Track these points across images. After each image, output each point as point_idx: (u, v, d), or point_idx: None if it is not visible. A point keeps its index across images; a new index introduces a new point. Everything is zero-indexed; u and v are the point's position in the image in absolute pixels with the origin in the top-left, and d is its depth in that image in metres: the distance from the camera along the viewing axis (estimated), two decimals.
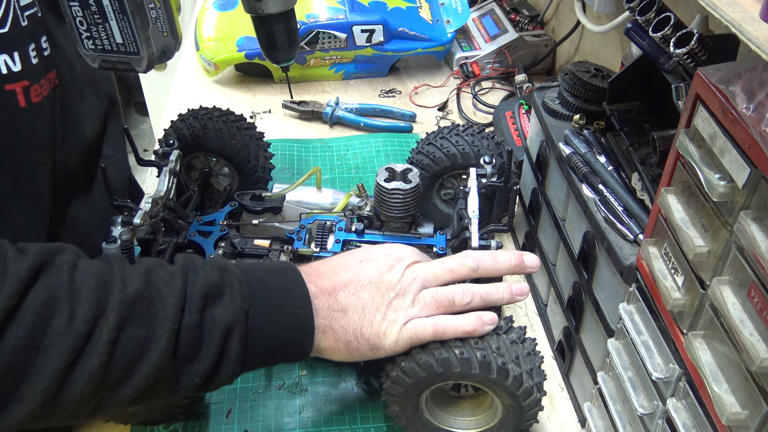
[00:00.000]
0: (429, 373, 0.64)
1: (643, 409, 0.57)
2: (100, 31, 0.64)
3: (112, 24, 0.63)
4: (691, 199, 0.50)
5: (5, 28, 0.62)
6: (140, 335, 0.54)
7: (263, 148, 0.95)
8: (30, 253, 0.53)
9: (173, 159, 0.84)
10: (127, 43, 0.65)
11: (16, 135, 0.65)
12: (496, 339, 0.64)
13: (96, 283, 0.54)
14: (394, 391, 0.67)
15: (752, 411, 0.43)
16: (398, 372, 0.65)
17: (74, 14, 0.63)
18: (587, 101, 0.80)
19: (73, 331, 0.51)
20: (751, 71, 0.44)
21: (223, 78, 1.37)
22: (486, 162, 0.85)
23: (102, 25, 0.63)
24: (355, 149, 1.19)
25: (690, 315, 0.50)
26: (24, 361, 0.49)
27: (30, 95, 0.65)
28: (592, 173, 0.71)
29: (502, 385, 0.63)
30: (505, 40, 1.36)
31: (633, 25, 0.70)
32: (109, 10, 0.63)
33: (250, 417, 0.77)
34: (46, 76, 0.67)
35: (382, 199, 0.79)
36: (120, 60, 0.66)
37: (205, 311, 0.58)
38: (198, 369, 0.57)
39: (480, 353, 0.62)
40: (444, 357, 0.63)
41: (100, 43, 0.65)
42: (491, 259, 0.68)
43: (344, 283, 0.65)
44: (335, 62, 1.36)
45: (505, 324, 0.66)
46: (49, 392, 0.50)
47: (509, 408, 0.66)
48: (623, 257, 0.63)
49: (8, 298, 0.49)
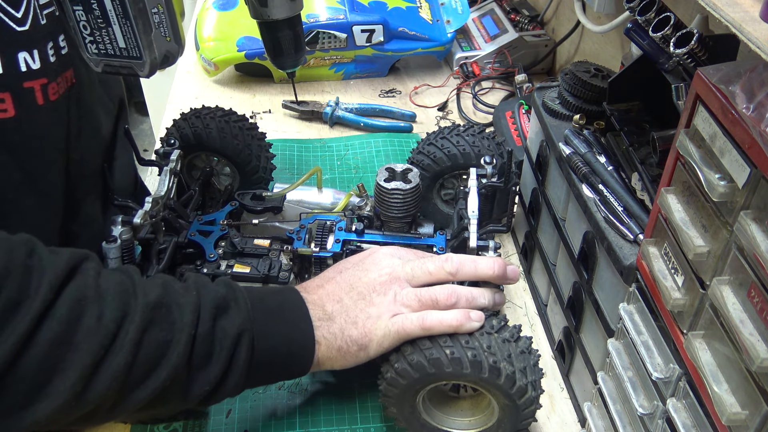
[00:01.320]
0: (421, 374, 0.64)
1: (643, 409, 0.57)
2: (103, 36, 0.64)
3: (115, 28, 0.64)
4: (691, 199, 0.50)
5: (26, 26, 0.63)
6: (161, 339, 0.57)
7: (265, 148, 0.95)
8: (64, 254, 0.55)
9: (174, 159, 0.84)
10: (130, 48, 0.65)
11: (32, 133, 0.66)
12: (487, 338, 0.64)
13: (120, 288, 0.57)
14: (390, 392, 0.67)
15: (752, 411, 0.43)
16: (392, 373, 0.65)
17: (78, 18, 0.63)
18: (587, 101, 0.80)
19: (102, 329, 0.53)
20: (751, 71, 0.45)
21: (223, 78, 1.37)
22: (486, 162, 0.85)
23: (105, 29, 0.64)
24: (355, 149, 1.19)
25: (690, 315, 0.50)
26: (57, 355, 0.51)
27: (48, 93, 0.66)
28: (592, 173, 0.71)
29: (494, 384, 0.63)
30: (505, 40, 1.36)
31: (633, 25, 0.70)
32: (113, 14, 0.63)
33: (250, 417, 0.77)
34: (63, 74, 0.68)
35: (382, 199, 0.79)
36: (123, 64, 0.67)
37: (216, 321, 0.61)
38: (209, 376, 0.60)
39: (471, 352, 0.63)
40: (435, 357, 0.63)
41: (103, 47, 0.65)
42: (472, 264, 0.69)
43: (328, 293, 0.69)
44: (335, 62, 1.36)
45: (498, 323, 0.66)
46: (77, 387, 0.52)
47: (505, 407, 0.66)
48: (623, 257, 0.63)
49: (47, 292, 0.51)
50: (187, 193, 0.88)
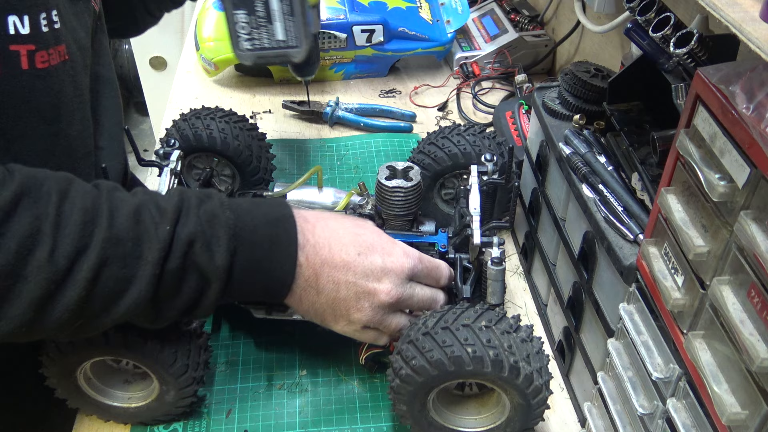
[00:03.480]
0: (441, 372, 0.63)
1: (643, 409, 0.57)
2: (261, 32, 0.70)
3: (277, 25, 0.69)
4: (691, 199, 0.50)
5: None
6: (120, 275, 0.57)
7: (265, 149, 0.95)
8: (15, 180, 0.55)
9: (174, 159, 0.84)
10: (290, 39, 0.71)
11: (12, 94, 0.66)
12: (507, 337, 0.64)
13: (82, 218, 0.56)
14: (402, 390, 0.66)
15: (752, 411, 0.43)
16: (408, 371, 0.64)
17: (236, 20, 0.69)
18: (587, 101, 0.81)
19: (53, 265, 0.54)
20: (751, 71, 0.45)
21: (223, 78, 1.37)
22: (487, 159, 0.85)
23: (265, 27, 0.69)
24: (355, 149, 1.19)
25: (690, 315, 0.50)
26: (5, 286, 0.53)
27: (35, 60, 0.66)
28: (592, 173, 0.72)
29: (513, 383, 0.63)
30: (505, 40, 1.36)
31: (633, 25, 0.70)
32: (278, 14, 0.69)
33: (250, 417, 0.77)
34: (56, 47, 0.68)
35: (383, 197, 0.79)
36: (277, 54, 0.73)
37: (187, 257, 0.60)
38: (176, 305, 0.61)
39: (492, 352, 0.62)
40: (456, 355, 0.62)
41: (258, 43, 0.71)
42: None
43: (333, 265, 0.66)
44: (335, 62, 1.36)
45: (515, 322, 0.66)
46: (26, 317, 0.54)
47: (518, 406, 0.66)
48: (623, 257, 0.63)
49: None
50: None
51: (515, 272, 0.97)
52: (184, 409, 0.75)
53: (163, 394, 0.72)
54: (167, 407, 0.73)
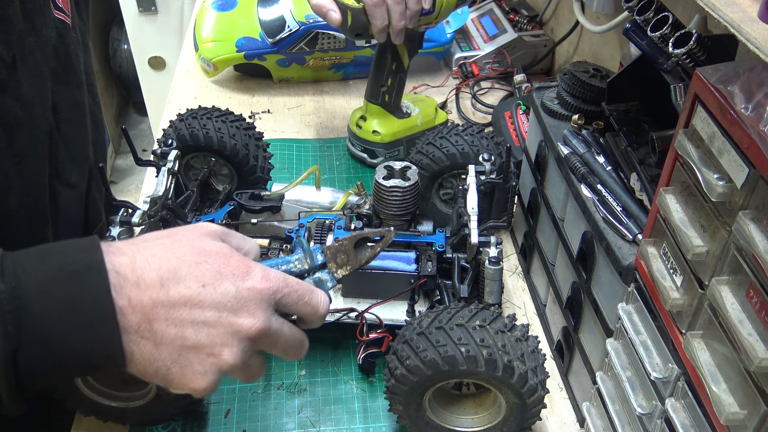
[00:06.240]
0: (434, 371, 0.64)
1: (641, 409, 0.57)
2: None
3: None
4: (689, 199, 0.50)
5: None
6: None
7: (262, 148, 0.95)
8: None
9: (172, 159, 0.84)
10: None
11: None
12: (501, 336, 0.64)
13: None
14: (398, 389, 0.66)
15: (750, 411, 0.43)
16: (403, 370, 0.65)
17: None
18: (586, 101, 0.81)
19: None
20: (750, 71, 0.45)
21: (222, 78, 1.37)
22: (485, 159, 0.85)
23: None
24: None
25: (689, 315, 0.50)
26: None
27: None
28: (590, 173, 0.71)
29: (507, 382, 0.63)
30: (504, 40, 1.36)
31: (632, 25, 0.70)
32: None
33: (249, 417, 0.77)
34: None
35: (381, 197, 0.79)
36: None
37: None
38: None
39: (486, 351, 0.62)
40: (450, 355, 0.62)
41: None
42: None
43: (170, 303, 0.50)
44: (335, 62, 1.36)
45: (509, 321, 0.66)
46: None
47: (513, 406, 0.66)
48: (622, 257, 0.63)
49: None
50: (185, 194, 0.88)
51: (514, 272, 0.97)
52: (183, 410, 0.74)
53: (161, 394, 0.72)
54: (166, 407, 0.73)
